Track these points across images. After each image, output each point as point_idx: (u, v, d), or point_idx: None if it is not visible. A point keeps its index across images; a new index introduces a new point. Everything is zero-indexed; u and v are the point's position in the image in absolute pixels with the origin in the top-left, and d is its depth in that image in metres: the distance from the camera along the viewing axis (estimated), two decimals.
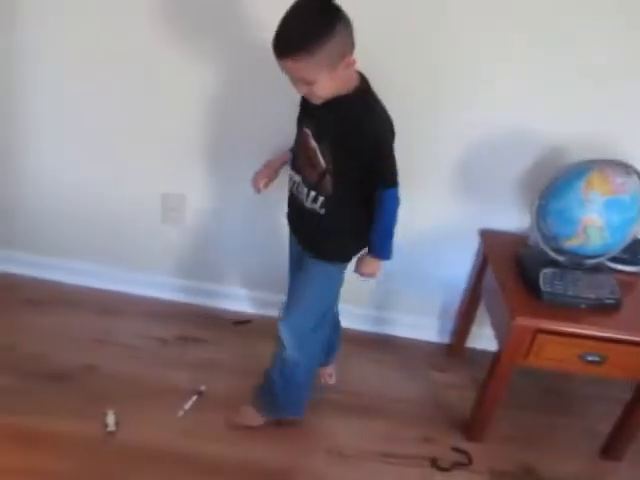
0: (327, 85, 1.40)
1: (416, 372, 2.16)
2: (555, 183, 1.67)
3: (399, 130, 1.48)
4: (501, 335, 1.75)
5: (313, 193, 1.55)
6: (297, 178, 1.60)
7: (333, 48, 1.33)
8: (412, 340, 2.28)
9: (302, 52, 1.32)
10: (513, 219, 2.00)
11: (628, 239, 1.67)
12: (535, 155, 1.90)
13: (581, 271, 1.72)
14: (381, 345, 2.26)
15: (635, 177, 1.62)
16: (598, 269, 1.74)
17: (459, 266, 2.12)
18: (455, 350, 2.24)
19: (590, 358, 1.65)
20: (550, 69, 1.77)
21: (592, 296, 1.68)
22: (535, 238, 1.75)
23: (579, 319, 1.65)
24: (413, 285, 2.19)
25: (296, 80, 1.41)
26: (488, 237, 1.99)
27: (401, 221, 1.55)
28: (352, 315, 2.19)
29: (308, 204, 1.58)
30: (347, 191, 1.53)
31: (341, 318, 1.97)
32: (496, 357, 1.74)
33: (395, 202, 1.52)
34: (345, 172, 1.50)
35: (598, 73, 1.76)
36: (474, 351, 2.23)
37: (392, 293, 2.23)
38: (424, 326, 2.27)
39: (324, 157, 1.50)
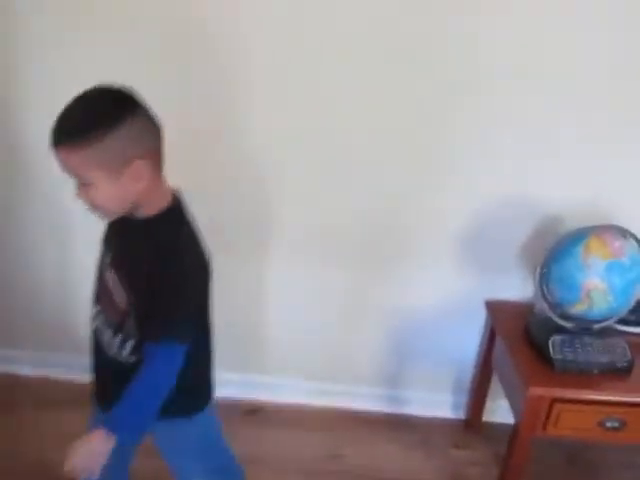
0: (107, 192, 1.11)
1: (435, 451, 2.11)
2: (555, 251, 1.71)
3: (400, 207, 1.40)
4: (516, 407, 1.73)
5: (119, 337, 1.23)
6: (98, 319, 1.28)
7: (114, 145, 1.08)
8: (427, 418, 2.23)
9: (74, 142, 1.07)
10: (517, 287, 2.01)
11: (633, 301, 1.68)
12: (535, 224, 1.93)
13: (590, 336, 1.72)
14: (395, 425, 2.21)
15: (632, 240, 1.65)
16: (607, 333, 1.74)
17: (468, 338, 2.12)
18: (472, 425, 2.19)
19: (609, 424, 1.63)
20: (550, 141, 1.83)
21: (604, 360, 1.67)
22: (541, 306, 1.77)
23: (593, 385, 1.64)
24: (424, 361, 2.17)
25: (73, 178, 1.13)
26: (494, 308, 1.99)
27: (407, 300, 1.47)
28: (364, 395, 2.17)
29: (114, 351, 1.24)
30: None
31: (353, 399, 1.92)
32: (514, 430, 1.72)
33: (159, 367, 1.14)
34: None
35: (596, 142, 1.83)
36: (491, 425, 2.18)
37: (403, 371, 2.21)
38: (438, 403, 2.24)
39: (123, 292, 1.20)
